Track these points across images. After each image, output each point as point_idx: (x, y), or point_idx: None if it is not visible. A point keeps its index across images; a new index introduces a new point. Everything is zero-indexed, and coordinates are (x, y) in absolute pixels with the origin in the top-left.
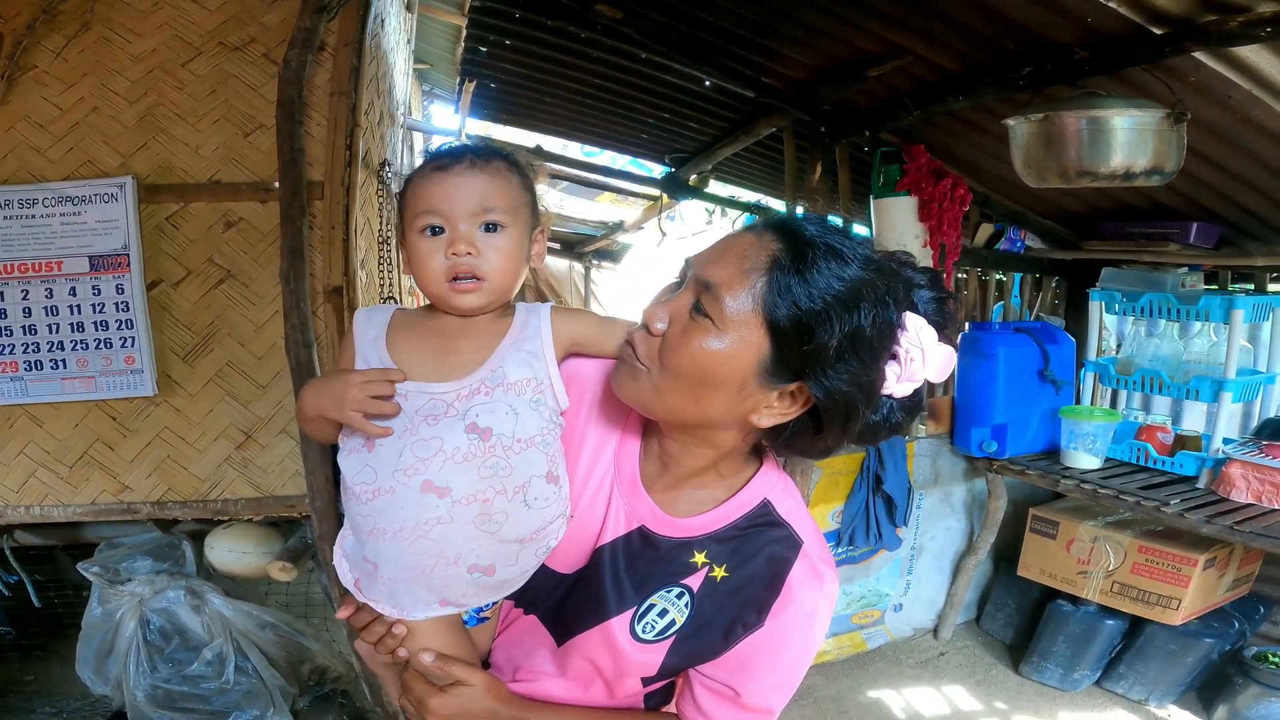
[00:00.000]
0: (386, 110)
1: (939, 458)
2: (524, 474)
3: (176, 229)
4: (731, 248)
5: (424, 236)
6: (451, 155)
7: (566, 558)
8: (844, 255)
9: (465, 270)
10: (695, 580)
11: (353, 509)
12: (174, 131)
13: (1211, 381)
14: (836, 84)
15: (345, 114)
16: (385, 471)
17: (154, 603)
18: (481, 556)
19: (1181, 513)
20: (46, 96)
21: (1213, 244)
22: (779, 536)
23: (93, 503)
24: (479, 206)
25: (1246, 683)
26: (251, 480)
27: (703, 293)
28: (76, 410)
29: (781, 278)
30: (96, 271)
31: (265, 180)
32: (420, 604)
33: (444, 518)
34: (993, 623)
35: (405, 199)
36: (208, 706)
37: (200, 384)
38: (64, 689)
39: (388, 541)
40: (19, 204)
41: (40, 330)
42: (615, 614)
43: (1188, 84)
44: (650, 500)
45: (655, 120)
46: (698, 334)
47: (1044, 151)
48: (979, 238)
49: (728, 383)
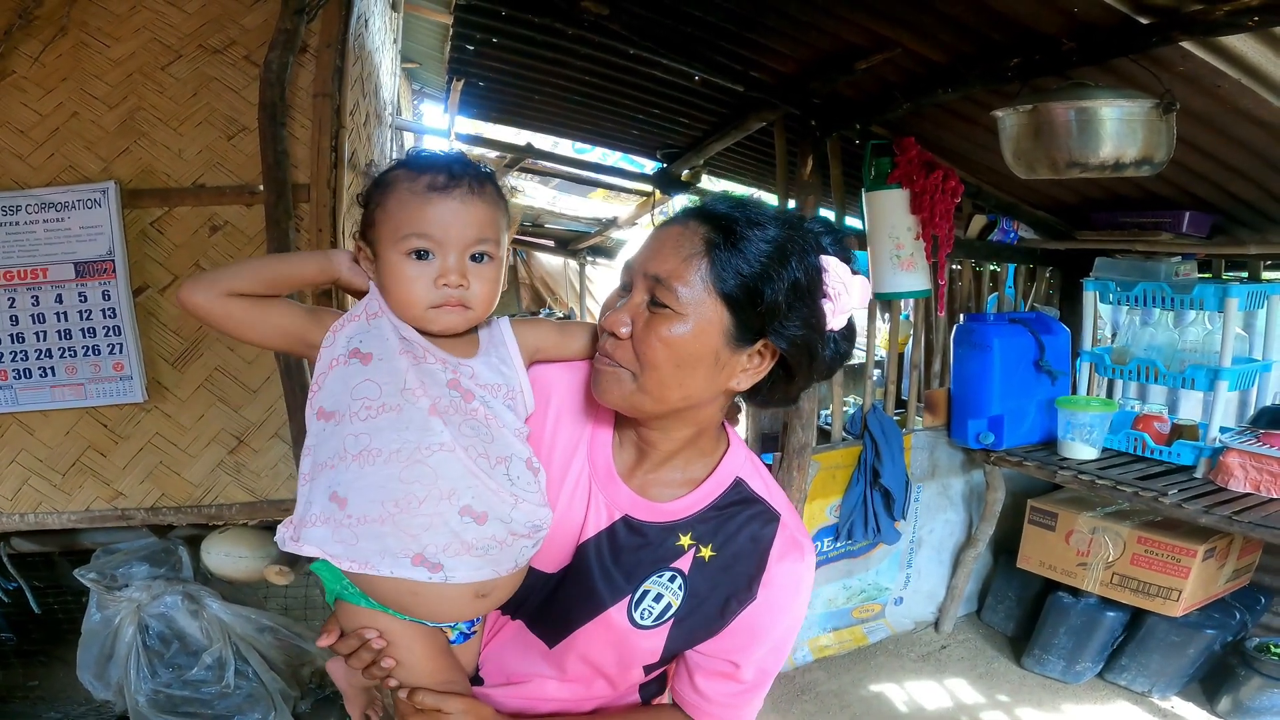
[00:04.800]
0: (373, 111)
1: (936, 450)
2: (505, 448)
3: (161, 234)
4: (665, 241)
5: (409, 259)
6: (449, 176)
7: (551, 556)
8: (762, 222)
9: (455, 301)
10: (684, 562)
11: (338, 431)
12: (155, 135)
13: (1207, 370)
14: (825, 77)
15: (329, 116)
16: (391, 389)
17: (152, 608)
18: (477, 499)
19: (1179, 503)
20: (25, 102)
21: (1205, 233)
22: (757, 512)
23: (87, 509)
24: (475, 237)
25: (1249, 674)
26: (245, 485)
27: (655, 287)
28: (67, 418)
29: (720, 254)
30: (82, 278)
31: (250, 183)
32: (388, 555)
33: (447, 444)
34: (993, 615)
35: (388, 208)
36: (210, 711)
37: (190, 389)
38: (68, 694)
39: (379, 466)
40: (2, 211)
41: (28, 338)
42: (611, 604)
43: (1175, 74)
44: (629, 489)
45: (645, 116)
46: (662, 324)
47: (1033, 143)
48: (972, 229)
49: (703, 359)
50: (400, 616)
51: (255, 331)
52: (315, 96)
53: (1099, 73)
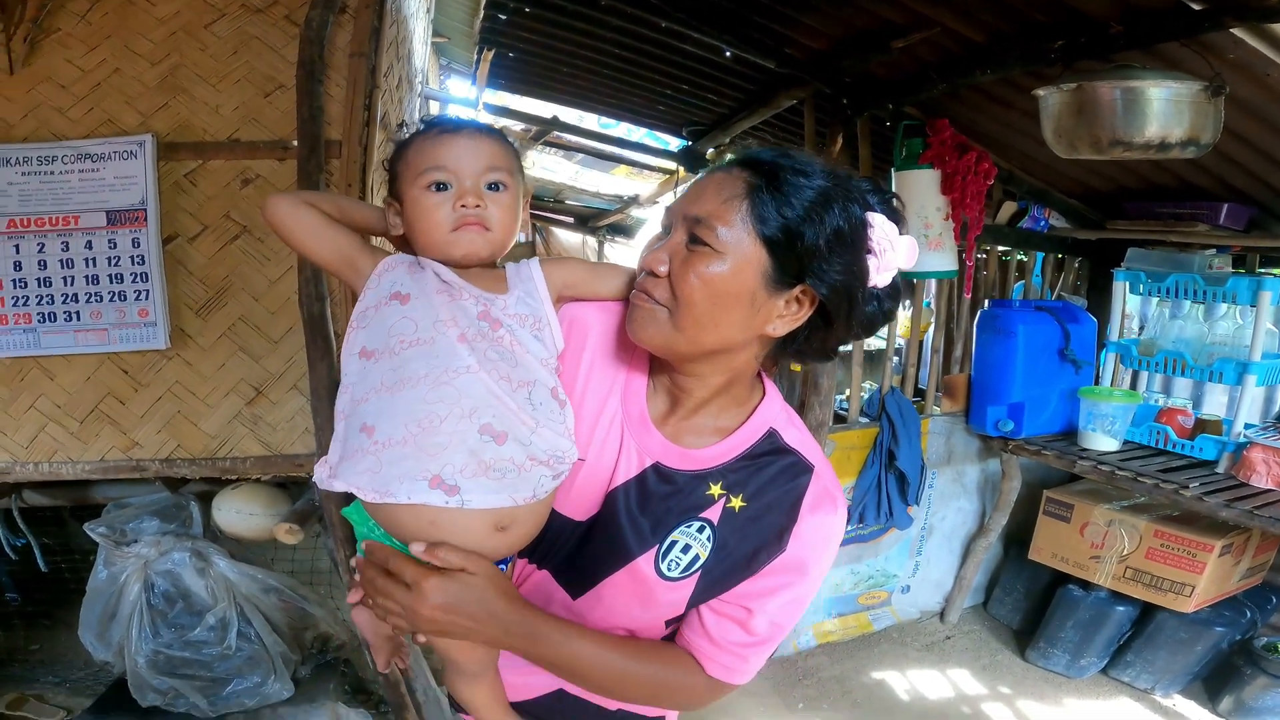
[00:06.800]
0: (405, 75)
1: (953, 436)
2: (529, 373)
3: (194, 185)
4: (708, 186)
5: (429, 191)
6: (455, 122)
7: (581, 504)
8: (806, 170)
9: (473, 220)
10: (714, 513)
11: (376, 368)
12: (195, 91)
13: (1236, 363)
14: (859, 55)
15: (364, 75)
16: (425, 323)
17: (159, 564)
18: (498, 418)
19: (1201, 496)
20: (70, 59)
21: (1242, 226)
22: (789, 464)
23: (101, 459)
24: (486, 166)
25: (1255, 673)
26: (261, 438)
27: (695, 227)
28: (88, 363)
29: (762, 197)
30: (114, 226)
31: (284, 139)
32: (406, 480)
33: (473, 367)
34: (1000, 607)
35: (407, 158)
36: (208, 673)
37: (213, 338)
38: (69, 657)
39: (406, 390)
40: (38, 161)
41: (55, 283)
42: (639, 554)
43: (1225, 61)
44: (661, 436)
45: (673, 92)
46: (700, 261)
47: (1076, 121)
48: (1001, 215)
49: (739, 298)
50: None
51: (317, 240)
52: (352, 56)
53: (1144, 57)
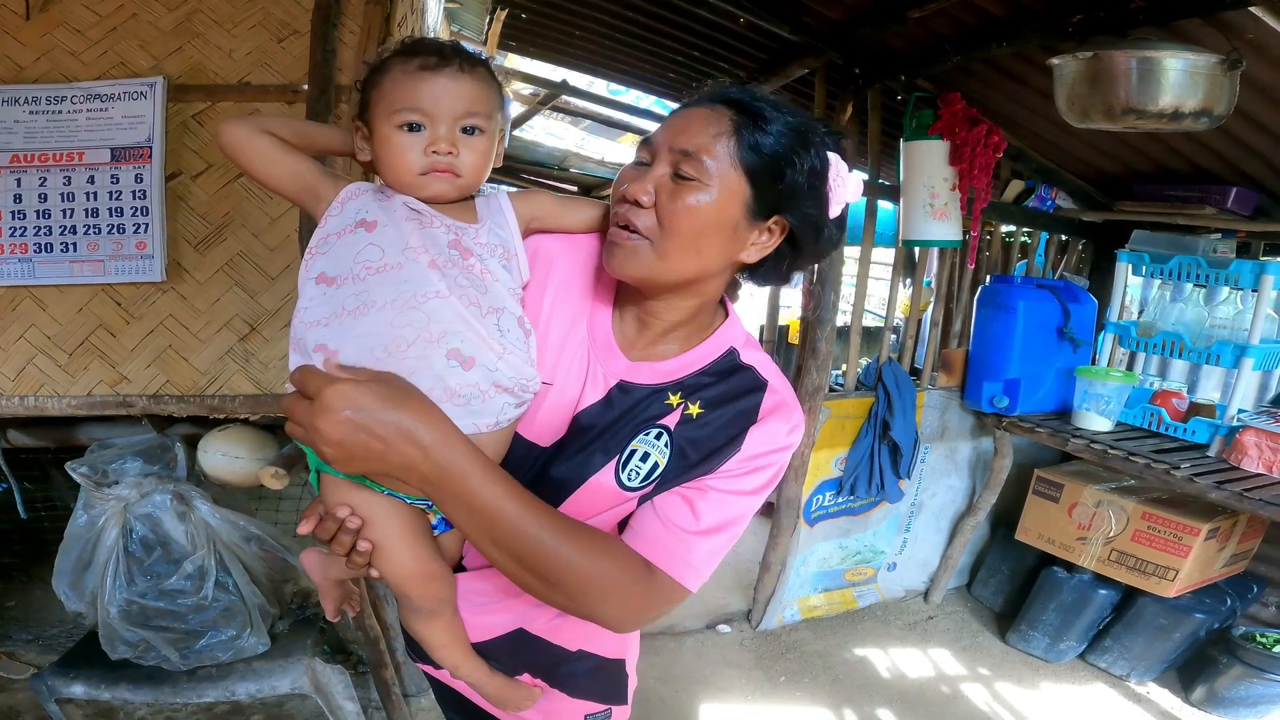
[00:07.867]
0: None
1: (947, 411)
2: (498, 300)
3: (202, 126)
4: (691, 120)
5: (401, 131)
6: (440, 56)
7: (546, 429)
8: (785, 111)
9: (444, 167)
10: (672, 419)
11: (337, 294)
12: (209, 36)
13: (1234, 346)
14: (875, 24)
15: (379, 22)
16: (394, 249)
17: (139, 507)
18: (466, 343)
19: (1191, 477)
20: (88, 4)
21: (1249, 211)
22: (747, 378)
23: (88, 394)
24: (464, 111)
25: (1231, 662)
26: (252, 376)
27: (681, 160)
28: (82, 294)
29: (747, 134)
30: (117, 162)
31: (294, 83)
32: None
33: (442, 293)
34: (984, 589)
35: (382, 88)
36: (182, 625)
37: (210, 272)
38: (43, 615)
39: (372, 314)
40: (46, 100)
41: (54, 215)
42: (600, 467)
43: (1244, 41)
44: (626, 360)
45: (685, 59)
46: (688, 193)
47: (1089, 88)
48: (1008, 194)
49: (722, 228)
50: (381, 490)
51: (274, 168)
52: (367, 3)
53: (1163, 34)
